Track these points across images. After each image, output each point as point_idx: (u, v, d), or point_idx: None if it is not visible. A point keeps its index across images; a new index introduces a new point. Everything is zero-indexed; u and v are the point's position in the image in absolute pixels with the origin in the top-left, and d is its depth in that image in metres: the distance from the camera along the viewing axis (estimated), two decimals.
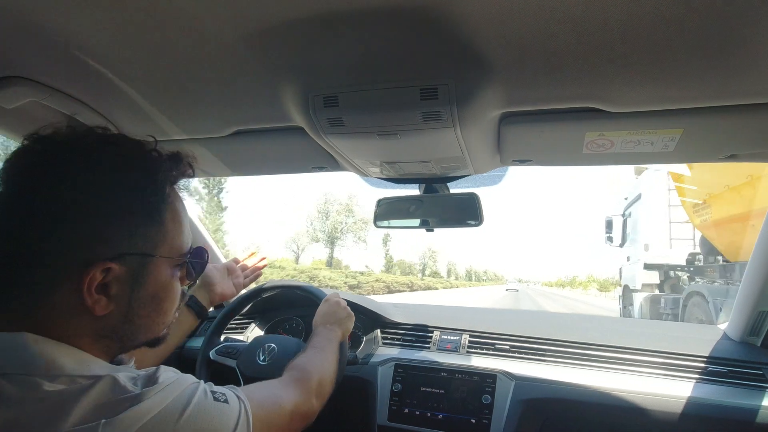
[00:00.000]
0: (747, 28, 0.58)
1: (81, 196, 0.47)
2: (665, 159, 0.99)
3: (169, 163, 0.55)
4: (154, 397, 0.45)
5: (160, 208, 0.52)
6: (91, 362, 0.47)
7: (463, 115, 0.78)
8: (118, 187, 0.49)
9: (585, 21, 0.58)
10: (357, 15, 0.60)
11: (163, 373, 0.49)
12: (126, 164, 0.50)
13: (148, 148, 0.53)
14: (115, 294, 0.49)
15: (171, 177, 0.55)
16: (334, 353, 0.94)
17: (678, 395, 1.11)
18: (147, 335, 0.55)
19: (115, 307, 0.50)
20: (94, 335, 0.50)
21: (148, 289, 0.52)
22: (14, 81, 0.79)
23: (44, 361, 0.44)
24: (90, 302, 0.47)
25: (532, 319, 1.63)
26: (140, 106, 0.90)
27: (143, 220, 0.51)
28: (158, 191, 0.52)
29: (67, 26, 0.66)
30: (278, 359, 1.21)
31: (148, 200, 0.51)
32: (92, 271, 0.46)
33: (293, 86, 0.79)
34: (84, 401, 0.42)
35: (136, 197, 0.50)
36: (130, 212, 0.50)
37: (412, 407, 1.26)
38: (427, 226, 1.24)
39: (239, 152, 1.15)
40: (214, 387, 0.53)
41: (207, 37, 0.66)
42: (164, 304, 0.55)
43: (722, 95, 0.74)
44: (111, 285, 0.49)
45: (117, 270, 0.48)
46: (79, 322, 0.48)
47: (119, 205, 0.49)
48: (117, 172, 0.49)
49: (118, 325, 0.51)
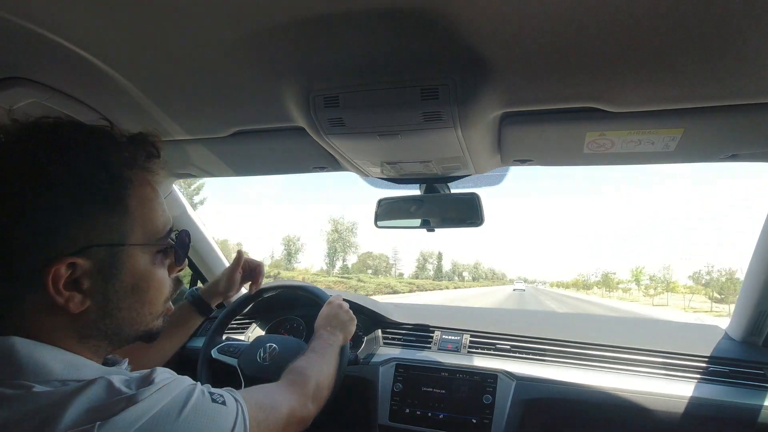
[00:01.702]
0: (748, 27, 0.57)
1: (22, 192, 0.44)
2: (666, 159, 0.98)
3: (127, 146, 0.51)
4: (150, 398, 0.44)
5: (120, 195, 0.49)
6: (81, 365, 0.46)
7: (463, 115, 0.78)
8: (66, 177, 0.46)
9: (585, 21, 0.58)
10: (358, 15, 0.60)
11: (159, 374, 0.48)
12: (67, 151, 0.47)
13: (98, 132, 0.50)
14: (88, 289, 0.47)
15: (129, 160, 0.51)
16: (334, 358, 0.94)
17: (679, 395, 1.11)
18: (135, 328, 0.53)
19: (92, 302, 0.48)
20: (78, 335, 0.48)
21: (126, 280, 0.50)
22: (16, 82, 0.79)
23: (33, 365, 0.43)
24: (61, 300, 0.46)
25: (533, 319, 1.63)
26: (141, 107, 0.90)
27: (102, 208, 0.48)
28: (113, 177, 0.49)
29: (68, 27, 0.66)
30: (279, 359, 1.22)
31: (101, 187, 0.48)
32: (53, 268, 0.44)
33: (294, 86, 0.79)
34: (76, 404, 0.41)
35: (88, 185, 0.47)
36: (84, 202, 0.47)
37: (413, 407, 1.26)
38: (428, 226, 1.24)
39: (240, 152, 1.15)
40: (211, 388, 0.52)
41: (208, 37, 0.67)
42: (147, 294, 0.53)
43: (723, 95, 0.74)
44: (81, 280, 0.47)
45: (83, 264, 0.46)
46: (59, 321, 0.47)
47: (71, 196, 0.46)
48: (59, 161, 0.46)
49: (98, 321, 0.49)
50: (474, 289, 63.85)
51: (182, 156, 1.19)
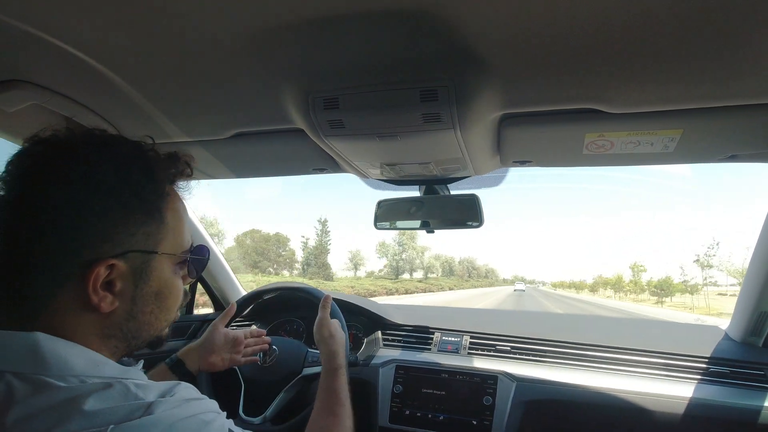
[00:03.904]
0: (747, 28, 0.58)
1: (81, 197, 0.48)
2: (666, 160, 0.99)
3: (167, 162, 0.55)
4: (167, 411, 0.44)
5: (160, 207, 0.53)
6: (102, 363, 0.47)
7: (463, 116, 0.78)
8: (118, 187, 0.50)
9: (584, 22, 0.59)
10: (357, 17, 0.60)
11: (182, 390, 0.48)
12: (125, 164, 0.51)
13: (146, 148, 0.54)
14: (119, 291, 0.50)
15: (170, 176, 0.56)
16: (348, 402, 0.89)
17: (680, 396, 1.11)
18: (150, 332, 0.56)
19: (120, 303, 0.50)
20: (102, 334, 0.50)
21: (152, 286, 0.53)
22: (16, 84, 0.79)
23: (56, 360, 0.44)
24: (96, 300, 0.48)
25: (533, 321, 1.63)
26: (141, 109, 0.90)
27: (144, 218, 0.52)
28: (158, 190, 0.53)
29: (68, 30, 0.66)
30: (279, 361, 1.22)
31: (148, 198, 0.52)
32: (97, 268, 0.47)
33: (293, 88, 0.79)
34: (94, 403, 0.42)
35: (137, 196, 0.51)
36: (131, 211, 0.50)
37: (414, 409, 1.26)
38: (428, 227, 1.25)
39: (240, 154, 1.15)
40: (234, 426, 0.52)
41: (207, 39, 0.67)
42: (167, 300, 0.56)
43: (722, 96, 0.74)
44: (115, 282, 0.49)
45: (121, 267, 0.49)
46: (87, 320, 0.49)
47: (120, 204, 0.49)
48: (117, 172, 0.50)
49: (123, 323, 0.52)
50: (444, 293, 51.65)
51: None
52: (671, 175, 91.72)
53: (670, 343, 1.27)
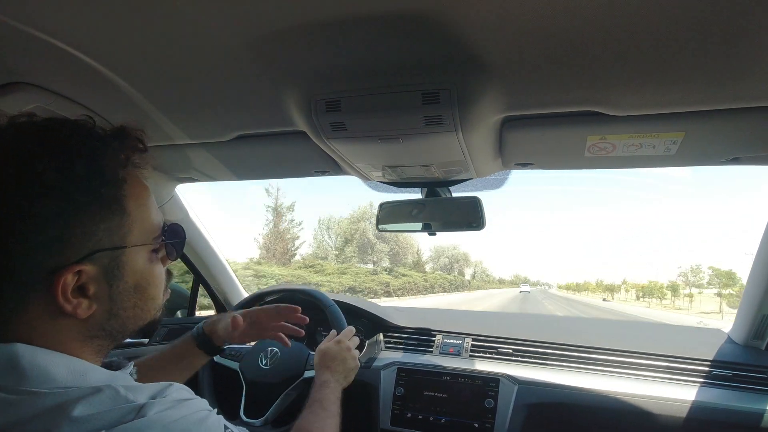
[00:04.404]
0: (749, 31, 0.58)
1: (19, 202, 0.42)
2: (668, 162, 0.98)
3: (116, 143, 0.49)
4: (161, 412, 0.42)
5: (117, 196, 0.48)
6: (86, 371, 0.45)
7: (464, 119, 0.78)
8: (61, 184, 0.44)
9: (586, 25, 0.59)
10: (359, 20, 0.60)
11: (174, 391, 0.46)
12: (65, 156, 0.45)
13: (89, 129, 0.48)
14: (94, 294, 0.47)
15: (121, 159, 0.49)
16: (338, 410, 0.88)
17: (682, 399, 1.10)
18: (138, 324, 0.53)
19: (98, 305, 0.47)
20: (83, 337, 0.48)
21: (128, 282, 0.50)
22: (19, 87, 0.80)
23: (36, 372, 0.42)
24: (70, 308, 0.45)
25: (535, 323, 1.63)
26: (144, 111, 0.91)
27: (101, 213, 0.47)
28: (109, 179, 0.47)
29: (71, 32, 0.66)
30: (280, 363, 1.22)
31: (100, 191, 0.46)
32: (62, 277, 0.44)
33: (296, 91, 0.79)
34: (82, 409, 0.40)
35: (86, 191, 0.45)
36: (84, 207, 0.45)
37: (415, 411, 1.25)
38: (430, 229, 1.24)
39: (242, 156, 1.16)
40: (226, 422, 0.51)
41: (210, 42, 0.67)
42: (148, 290, 0.53)
43: (724, 98, 0.74)
44: (87, 286, 0.46)
45: (89, 270, 0.46)
46: (65, 326, 0.46)
47: (68, 203, 0.44)
48: (56, 167, 0.44)
49: (104, 322, 0.49)
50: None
51: (184, 160, 1.20)
52: (671, 177, 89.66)
53: (672, 346, 1.26)
